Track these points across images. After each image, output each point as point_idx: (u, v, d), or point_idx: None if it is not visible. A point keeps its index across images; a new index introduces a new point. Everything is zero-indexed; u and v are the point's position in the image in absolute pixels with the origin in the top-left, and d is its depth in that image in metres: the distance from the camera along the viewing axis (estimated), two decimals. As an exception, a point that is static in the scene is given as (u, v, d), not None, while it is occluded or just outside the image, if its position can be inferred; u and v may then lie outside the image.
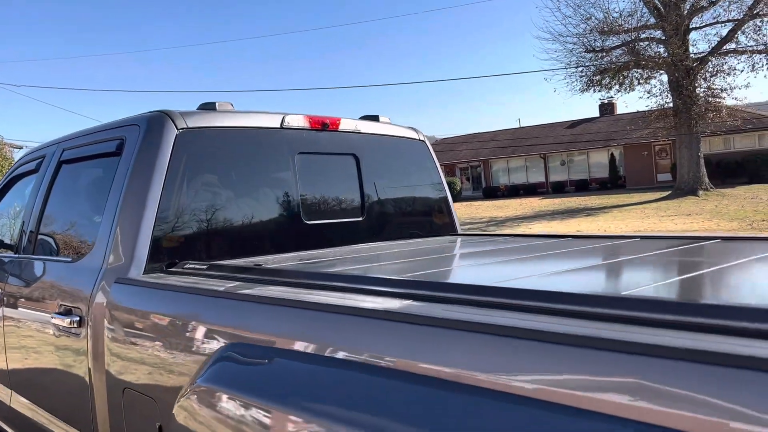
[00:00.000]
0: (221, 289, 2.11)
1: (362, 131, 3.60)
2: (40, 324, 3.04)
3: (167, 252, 2.78)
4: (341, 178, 3.50)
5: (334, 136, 3.47)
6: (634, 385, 1.07)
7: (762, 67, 26.89)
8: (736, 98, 27.68)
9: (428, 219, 3.92)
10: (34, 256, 3.40)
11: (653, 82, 28.81)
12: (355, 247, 3.34)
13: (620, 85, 28.98)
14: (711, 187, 28.14)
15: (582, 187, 39.11)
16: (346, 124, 3.51)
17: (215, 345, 1.98)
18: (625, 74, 28.53)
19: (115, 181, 2.88)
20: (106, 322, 2.54)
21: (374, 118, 3.77)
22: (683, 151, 28.14)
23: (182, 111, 2.96)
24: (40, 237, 3.42)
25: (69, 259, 3.05)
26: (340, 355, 1.58)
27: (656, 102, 28.80)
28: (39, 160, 3.72)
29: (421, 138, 3.97)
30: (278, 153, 3.22)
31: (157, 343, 2.24)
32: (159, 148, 2.80)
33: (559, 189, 39.83)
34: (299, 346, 1.72)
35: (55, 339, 2.89)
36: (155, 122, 2.87)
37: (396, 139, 3.80)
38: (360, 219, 3.51)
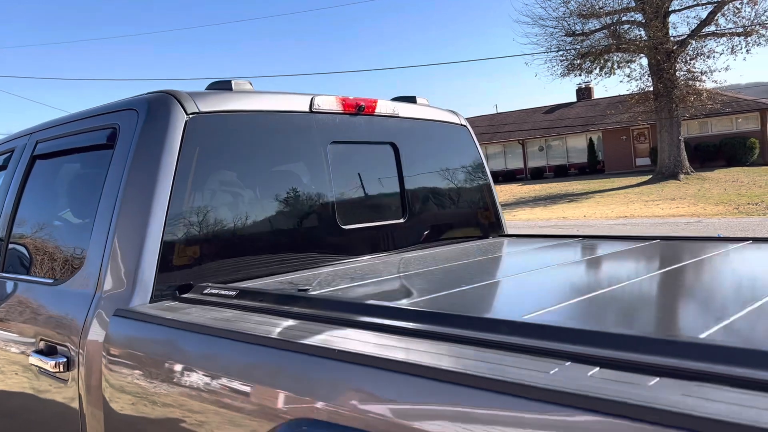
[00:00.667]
0: (274, 335, 1.52)
1: (400, 115, 3.01)
2: (13, 364, 2.41)
3: (179, 271, 2.17)
4: (378, 172, 2.91)
5: (370, 121, 2.87)
6: None
7: (741, 49, 26.77)
8: (715, 81, 27.57)
9: (474, 218, 3.35)
10: (3, 275, 2.75)
11: (633, 65, 28.58)
12: (403, 256, 2.75)
13: (601, 68, 28.66)
14: (691, 171, 28.05)
15: (561, 172, 38.87)
16: (383, 107, 2.92)
17: (267, 420, 1.39)
18: (606, 58, 28.21)
19: (109, 181, 2.26)
20: (104, 368, 1.93)
21: (411, 100, 3.19)
22: (664, 135, 27.96)
23: (192, 92, 2.34)
24: (10, 250, 2.77)
25: (50, 281, 2.42)
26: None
27: (637, 85, 28.59)
28: (6, 154, 3.06)
29: (463, 122, 3.40)
30: (308, 143, 2.61)
31: (175, 404, 1.64)
32: (165, 138, 2.18)
33: (537, 175, 39.54)
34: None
35: (34, 384, 2.27)
36: (159, 106, 2.25)
37: (436, 124, 3.22)
38: (401, 221, 2.93)
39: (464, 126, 3.38)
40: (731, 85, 28.50)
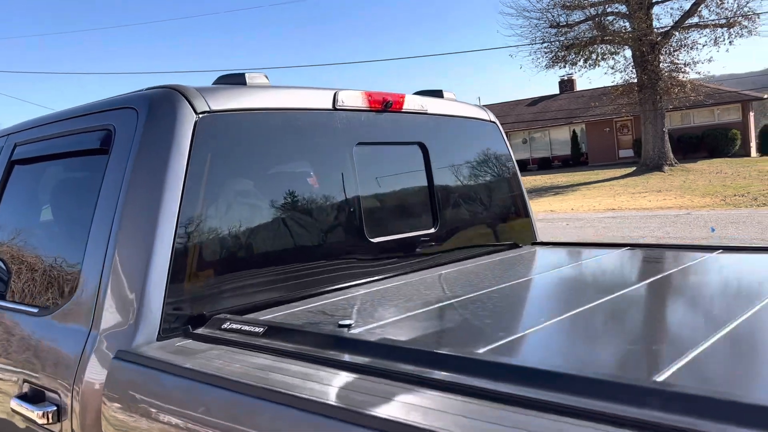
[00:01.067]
0: (333, 401, 1.18)
1: (429, 112, 2.68)
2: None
3: (191, 299, 1.83)
4: (406, 176, 2.58)
5: (398, 119, 2.54)
6: None
7: (724, 41, 26.77)
8: (699, 72, 27.56)
9: (507, 225, 3.04)
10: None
11: (618, 57, 28.46)
12: (441, 273, 2.43)
13: (585, 60, 28.51)
14: (675, 163, 28.05)
15: (545, 165, 38.79)
16: (410, 103, 2.59)
17: None
18: (591, 50, 28.07)
19: (104, 195, 1.90)
20: (104, 424, 1.58)
21: (437, 94, 2.86)
22: (648, 126, 27.91)
23: (200, 87, 1.99)
24: (-14, 270, 2.40)
25: (34, 309, 2.06)
26: None
27: (621, 77, 28.49)
28: (-21, 159, 2.67)
29: (492, 119, 3.08)
30: (332, 145, 2.27)
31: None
32: (172, 142, 1.84)
33: (521, 167, 39.11)
34: None
35: (18, 435, 1.91)
36: (163, 103, 1.90)
37: (465, 122, 2.90)
38: (432, 231, 2.61)
39: (494, 123, 3.07)
40: (707, 77, 28.40)
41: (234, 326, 1.70)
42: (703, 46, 27.44)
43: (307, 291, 2.11)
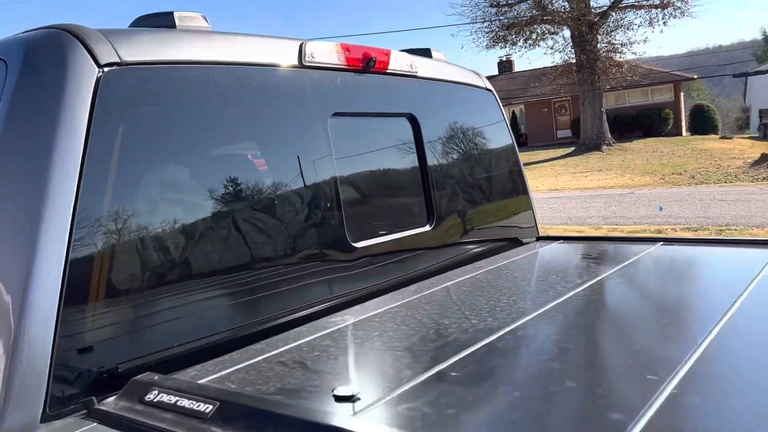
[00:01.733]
0: None
1: (419, 75, 2.08)
2: None
3: (96, 347, 1.18)
4: (395, 157, 1.98)
5: (382, 82, 1.93)
6: None
7: (658, 21, 27.15)
8: (635, 53, 27.92)
9: (508, 217, 2.48)
10: None
11: (557, 37, 28.50)
12: (448, 286, 1.84)
13: (525, 40, 28.42)
14: (613, 142, 28.41)
15: (484, 145, 38.72)
16: (397, 62, 1.98)
17: None
18: (531, 29, 27.99)
19: (-48, 191, 1.23)
20: None
21: (425, 53, 2.25)
22: (586, 106, 28.12)
23: (107, 29, 1.33)
24: None
25: None
26: None
27: (560, 57, 28.57)
28: None
29: (488, 86, 2.50)
30: (300, 115, 1.64)
31: None
32: (59, 109, 1.17)
33: (461, 148, 39.25)
34: None
35: None
36: (46, 50, 1.23)
37: (460, 89, 2.31)
38: (428, 228, 2.02)
39: (490, 90, 2.49)
40: (641, 58, 28.81)
41: (165, 399, 1.06)
42: (639, 26, 27.84)
43: (273, 321, 1.48)
